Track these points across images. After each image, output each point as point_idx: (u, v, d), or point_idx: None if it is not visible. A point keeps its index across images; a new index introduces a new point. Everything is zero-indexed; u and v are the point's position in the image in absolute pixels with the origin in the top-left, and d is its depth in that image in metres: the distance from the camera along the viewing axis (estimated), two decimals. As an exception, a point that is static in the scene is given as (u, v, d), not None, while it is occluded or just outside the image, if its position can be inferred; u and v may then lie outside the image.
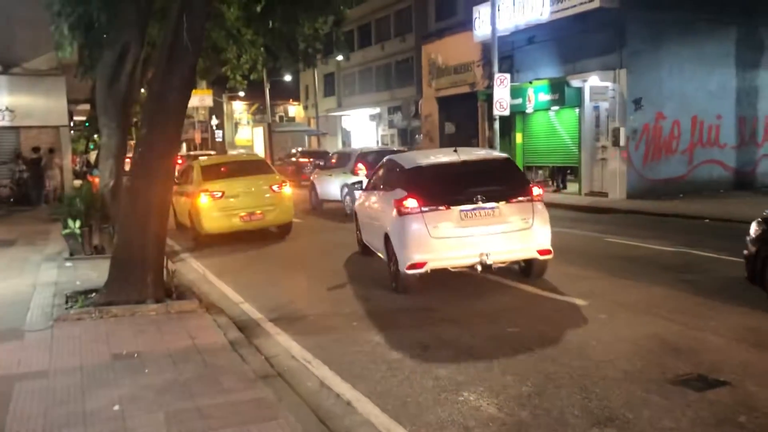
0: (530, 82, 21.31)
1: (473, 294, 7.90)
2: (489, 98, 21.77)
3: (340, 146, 44.66)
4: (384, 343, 6.18)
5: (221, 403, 4.58)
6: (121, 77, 10.99)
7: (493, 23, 20.62)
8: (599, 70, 19.02)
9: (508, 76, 20.53)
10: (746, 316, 6.50)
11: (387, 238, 8.43)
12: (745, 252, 6.86)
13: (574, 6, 18.88)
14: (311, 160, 22.03)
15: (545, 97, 20.66)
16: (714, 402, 4.48)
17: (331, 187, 17.59)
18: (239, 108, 61.50)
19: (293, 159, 23.00)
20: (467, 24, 24.73)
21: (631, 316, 6.69)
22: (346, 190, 16.18)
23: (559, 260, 8.63)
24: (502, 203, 7.96)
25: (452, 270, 8.18)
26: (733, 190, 18.98)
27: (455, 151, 8.73)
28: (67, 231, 10.69)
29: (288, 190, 13.45)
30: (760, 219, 6.79)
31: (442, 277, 8.65)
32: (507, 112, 20.38)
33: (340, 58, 38.12)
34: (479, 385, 5.01)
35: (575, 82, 19.66)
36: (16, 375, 5.27)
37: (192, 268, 10.55)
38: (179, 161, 15.88)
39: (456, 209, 7.83)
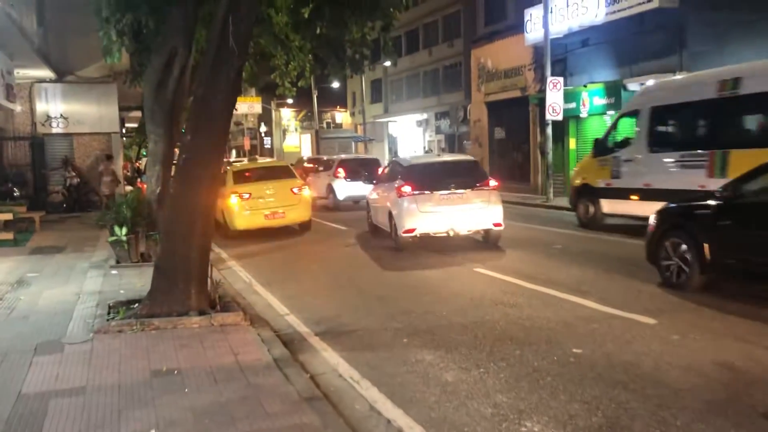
0: (584, 86, 20.67)
1: (532, 309, 7.43)
2: (541, 102, 21.21)
3: (386, 152, 44.44)
4: (437, 363, 5.77)
5: (263, 429, 4.25)
6: (168, 83, 10.86)
7: (545, 25, 20.09)
8: (658, 72, 18.25)
9: (561, 79, 19.97)
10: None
11: (390, 214, 12.24)
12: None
13: (632, 6, 18.22)
14: (315, 165, 24.76)
15: (600, 101, 19.99)
16: (816, 442, 3.95)
17: (320, 186, 21.50)
18: (287, 115, 61.90)
19: (303, 164, 25.88)
20: (518, 27, 24.19)
21: (708, 337, 6.13)
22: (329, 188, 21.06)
23: (623, 273, 8.10)
24: (468, 190, 11.65)
25: (432, 235, 11.67)
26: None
27: (438, 155, 12.64)
28: (114, 238, 10.60)
29: (306, 192, 15.54)
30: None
31: (498, 292, 8.33)
32: (560, 117, 19.81)
33: (387, 64, 37.96)
34: (543, 414, 4.56)
35: (632, 86, 18.92)
36: (52, 392, 5.05)
37: (239, 278, 10.33)
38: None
39: (437, 193, 11.56)
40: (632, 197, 12.86)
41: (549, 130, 20.14)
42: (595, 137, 15.94)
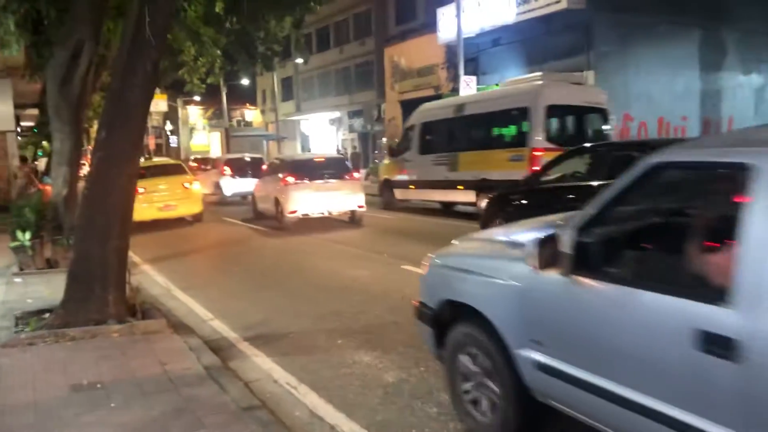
0: (496, 85, 21.06)
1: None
2: (455, 101, 21.48)
3: (299, 151, 43.99)
4: (376, 363, 5.64)
5: (203, 443, 3.99)
6: (74, 78, 10.19)
7: (458, 25, 20.33)
8: (567, 71, 18.85)
9: (474, 78, 20.30)
10: None
11: (276, 200, 15.03)
12: None
13: (541, 7, 18.77)
14: (200, 164, 27.15)
15: (512, 99, 20.45)
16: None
17: (208, 183, 22.95)
18: (195, 113, 60.14)
19: (189, 164, 27.00)
20: (429, 26, 24.47)
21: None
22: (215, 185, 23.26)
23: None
24: (338, 180, 14.67)
25: (311, 216, 14.52)
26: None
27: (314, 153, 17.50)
28: (16, 243, 9.85)
29: (197, 186, 17.34)
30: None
31: (415, 289, 8.29)
32: (474, 115, 20.07)
33: (299, 61, 37.52)
34: (490, 411, 4.51)
35: (542, 84, 19.48)
36: (-42, 414, 4.57)
37: (155, 282, 9.84)
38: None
39: (314, 182, 14.53)
40: (411, 187, 17.79)
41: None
42: (392, 143, 21.86)
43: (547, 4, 18.55)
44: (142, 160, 28.19)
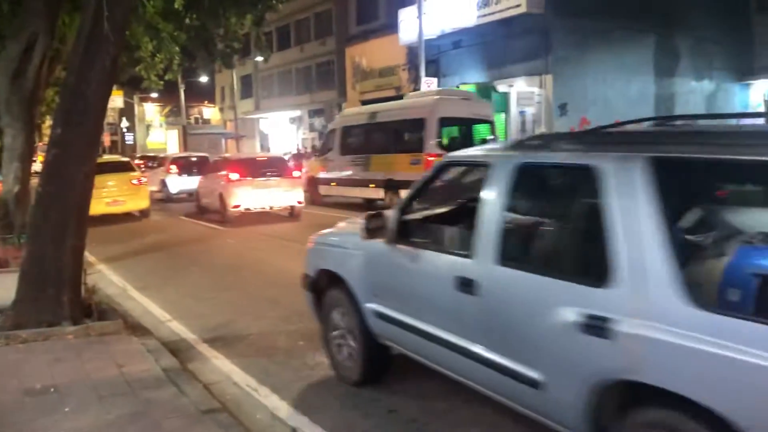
0: (457, 87, 21.24)
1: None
2: (416, 102, 21.55)
3: (258, 149, 43.62)
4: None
5: (162, 448, 3.91)
6: (26, 73, 9.89)
7: (419, 27, 20.40)
8: (525, 75, 19.20)
9: (435, 80, 20.40)
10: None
11: (221, 196, 15.81)
12: None
13: (501, 11, 18.99)
14: (145, 162, 27.75)
15: (472, 101, 20.62)
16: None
17: (154, 181, 23.12)
18: (152, 110, 59.17)
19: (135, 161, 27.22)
20: (391, 27, 24.52)
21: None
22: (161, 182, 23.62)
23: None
24: (277, 177, 15.71)
25: (252, 211, 15.51)
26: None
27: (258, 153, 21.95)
28: (-36, 242, 9.51)
29: (144, 183, 18.09)
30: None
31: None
32: (435, 116, 20.17)
33: (259, 59, 37.19)
34: (460, 414, 4.54)
35: (502, 87, 19.74)
36: None
37: (111, 282, 9.64)
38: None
39: (256, 179, 15.45)
40: (332, 184, 19.22)
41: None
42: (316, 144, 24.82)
43: (507, 7, 18.77)
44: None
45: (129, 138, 57.24)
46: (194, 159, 24.17)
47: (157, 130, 59.34)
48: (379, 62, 26.70)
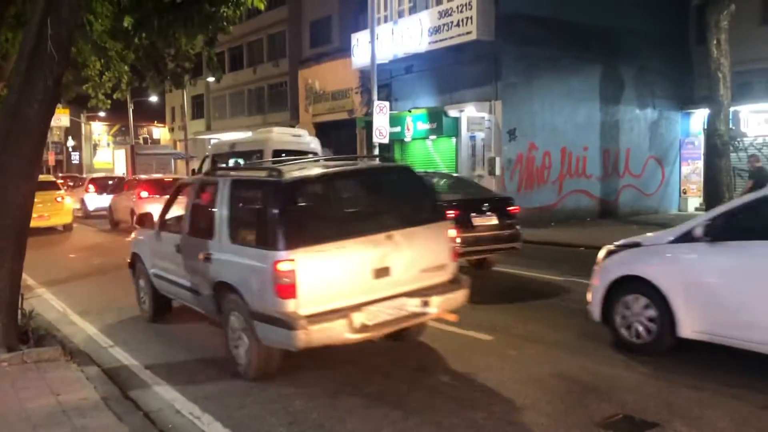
0: (409, 111, 21.44)
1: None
2: (368, 125, 21.62)
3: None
4: (284, 391, 5.53)
5: (98, 480, 3.78)
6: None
7: (372, 51, 20.50)
8: (476, 101, 19.44)
9: (387, 104, 20.42)
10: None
11: (132, 211, 17.81)
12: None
13: (452, 37, 19.24)
14: (66, 181, 30.02)
15: (423, 126, 20.82)
16: (647, 446, 4.27)
17: (75, 198, 24.50)
18: (99, 129, 58.04)
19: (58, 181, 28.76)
20: (344, 50, 24.63)
21: (540, 350, 6.48)
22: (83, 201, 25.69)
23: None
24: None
25: None
26: (598, 218, 20.00)
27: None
28: None
29: (69, 200, 20.21)
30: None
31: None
32: (386, 140, 20.23)
33: (210, 79, 36.85)
34: (398, 438, 4.52)
35: (453, 112, 19.96)
36: None
37: (50, 306, 9.34)
38: None
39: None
40: None
41: (376, 153, 20.55)
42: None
43: (458, 34, 19.02)
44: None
45: (75, 157, 55.89)
46: (110, 182, 26.75)
47: (104, 149, 58.12)
48: (332, 85, 26.77)
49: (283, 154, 17.95)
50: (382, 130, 19.89)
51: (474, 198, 11.06)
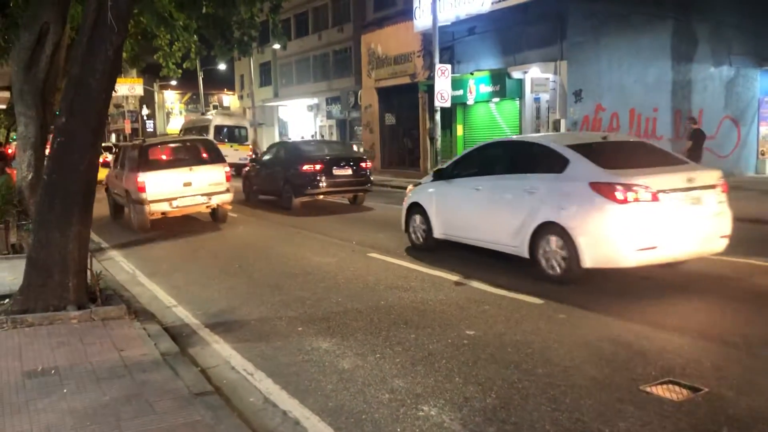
0: (471, 74, 21.16)
1: (424, 293, 7.51)
2: (430, 89, 21.51)
3: (276, 137, 43.78)
4: (333, 350, 5.70)
5: (151, 430, 4.02)
6: (39, 62, 10.09)
7: (434, 13, 20.31)
8: (540, 61, 19.00)
9: (449, 67, 20.29)
10: (708, 313, 6.38)
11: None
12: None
13: (516, -3, 18.77)
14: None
15: (486, 88, 20.54)
16: (692, 412, 4.20)
17: None
18: (171, 97, 59.62)
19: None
20: (407, 14, 24.39)
21: (590, 315, 6.42)
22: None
23: (504, 259, 8.36)
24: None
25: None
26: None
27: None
28: (-20, 228, 9.77)
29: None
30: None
31: (392, 277, 8.40)
32: (448, 104, 20.15)
33: (276, 46, 37.24)
34: (440, 397, 4.60)
35: (516, 74, 19.60)
36: None
37: (121, 268, 9.81)
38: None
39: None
40: None
41: (438, 117, 20.46)
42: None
43: (522, -7, 18.58)
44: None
45: (149, 125, 57.75)
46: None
47: (177, 117, 59.74)
48: (395, 49, 26.59)
49: (224, 129, 29.59)
50: (443, 93, 19.78)
51: (337, 156, 16.14)
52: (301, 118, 42.91)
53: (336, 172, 15.49)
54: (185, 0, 11.56)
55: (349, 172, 15.69)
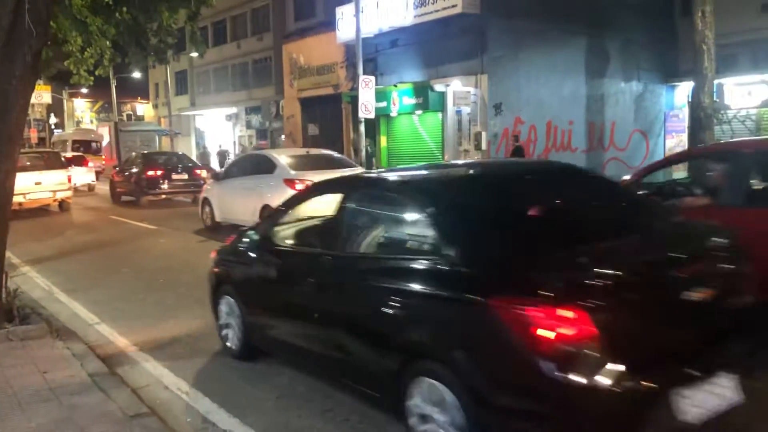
0: (395, 86, 21.35)
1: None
2: (354, 100, 21.51)
3: (193, 147, 42.81)
4: (269, 366, 5.57)
5: (86, 455, 3.80)
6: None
7: (357, 25, 20.34)
8: (462, 75, 19.39)
9: (373, 78, 20.32)
10: None
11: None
12: None
13: (437, 11, 19.11)
14: None
15: (410, 100, 20.77)
16: None
17: None
18: (82, 106, 57.35)
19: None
20: (329, 24, 24.41)
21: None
22: None
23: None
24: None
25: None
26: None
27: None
28: None
29: None
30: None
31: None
32: (372, 115, 20.18)
33: (194, 54, 36.29)
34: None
35: (439, 87, 19.91)
36: None
37: (36, 285, 9.30)
38: None
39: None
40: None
41: (362, 128, 20.50)
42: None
43: (443, 7, 18.88)
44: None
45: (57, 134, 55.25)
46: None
47: (87, 126, 57.45)
48: (317, 60, 26.52)
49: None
50: (367, 105, 19.79)
51: (177, 165, 20.48)
52: (219, 127, 42.11)
53: (174, 177, 20.00)
54: (103, 4, 11.15)
55: (185, 176, 20.21)
